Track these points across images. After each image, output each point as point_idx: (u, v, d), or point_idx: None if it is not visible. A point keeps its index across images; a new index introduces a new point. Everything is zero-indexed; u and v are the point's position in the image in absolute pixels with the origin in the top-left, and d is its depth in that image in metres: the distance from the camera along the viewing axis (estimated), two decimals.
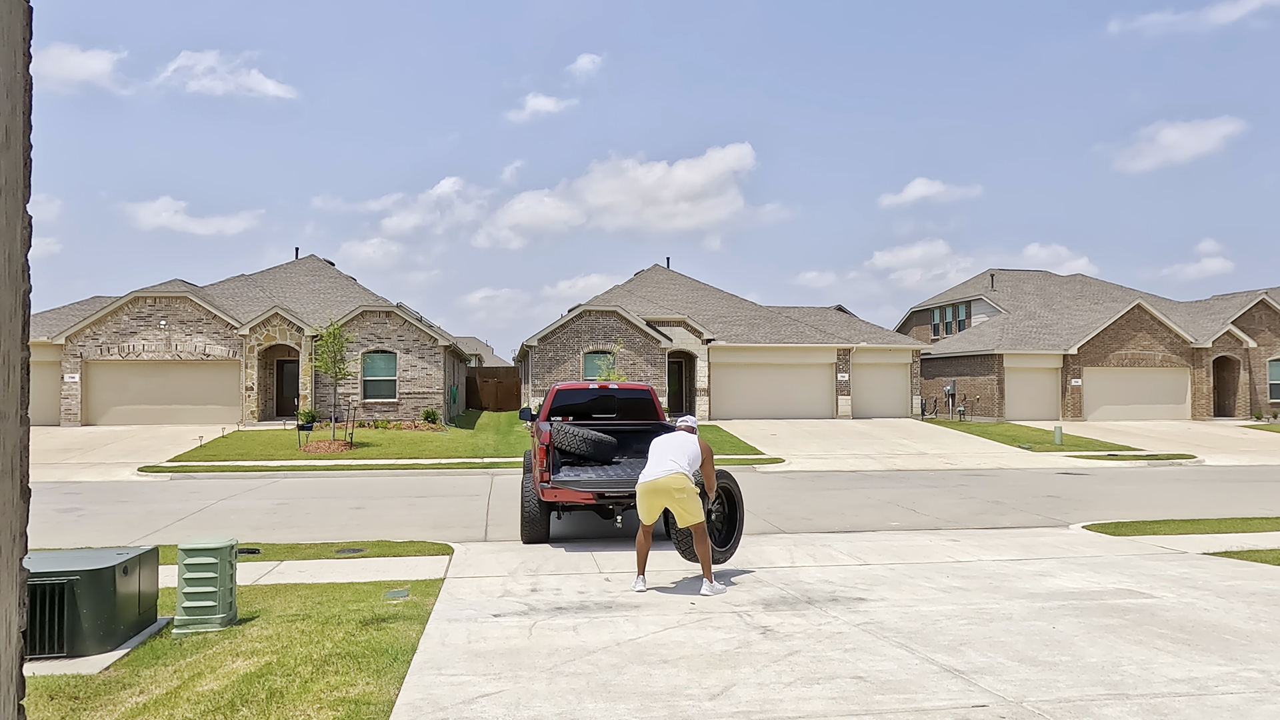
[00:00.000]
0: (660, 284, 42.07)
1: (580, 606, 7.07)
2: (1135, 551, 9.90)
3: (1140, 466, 22.94)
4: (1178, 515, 13.45)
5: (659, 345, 34.10)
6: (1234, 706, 4.51)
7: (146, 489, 17.63)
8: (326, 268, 41.03)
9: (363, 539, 11.27)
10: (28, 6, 1.34)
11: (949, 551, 9.87)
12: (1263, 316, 40.72)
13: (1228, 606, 6.91)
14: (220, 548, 6.56)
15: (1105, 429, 33.68)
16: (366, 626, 6.30)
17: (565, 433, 10.97)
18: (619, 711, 4.50)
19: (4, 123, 1.26)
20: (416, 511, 14.28)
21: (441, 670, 5.27)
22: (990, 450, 26.43)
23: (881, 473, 21.00)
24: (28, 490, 1.33)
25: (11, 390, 1.27)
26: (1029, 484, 18.49)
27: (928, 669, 5.22)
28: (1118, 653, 5.55)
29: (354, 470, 20.93)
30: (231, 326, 31.61)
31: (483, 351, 79.16)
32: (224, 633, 6.34)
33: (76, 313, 33.81)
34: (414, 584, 8.10)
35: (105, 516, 13.69)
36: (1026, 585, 7.87)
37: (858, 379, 37.26)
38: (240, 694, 4.78)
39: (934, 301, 53.22)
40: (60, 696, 5.06)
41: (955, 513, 14.12)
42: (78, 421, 30.35)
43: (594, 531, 11.47)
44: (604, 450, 11.20)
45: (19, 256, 1.32)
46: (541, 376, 33.35)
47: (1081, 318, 40.34)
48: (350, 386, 31.81)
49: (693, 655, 5.57)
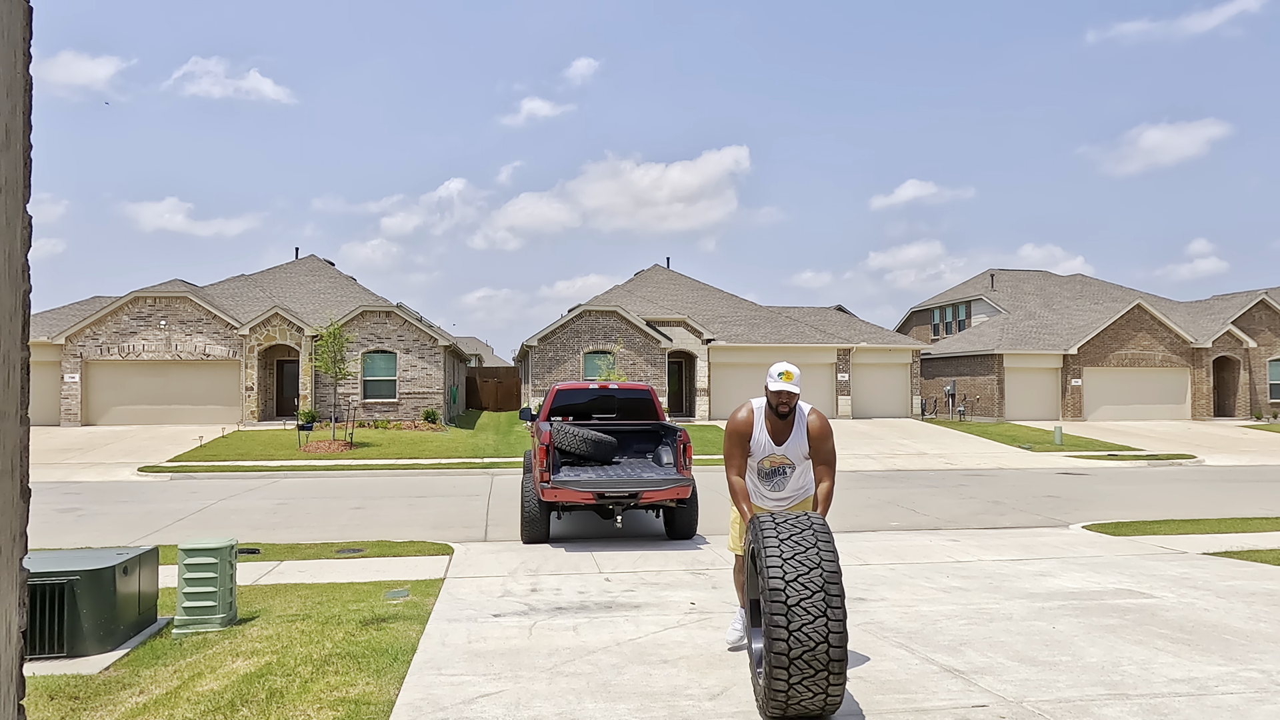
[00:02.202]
0: (660, 284, 42.06)
1: (580, 606, 7.07)
2: (1135, 551, 9.90)
3: (1140, 466, 22.93)
4: (1178, 515, 13.45)
5: (659, 345, 34.09)
6: (1234, 706, 4.50)
7: (146, 489, 17.63)
8: (326, 268, 41.02)
9: (363, 539, 11.27)
10: (28, 6, 1.34)
11: (949, 551, 9.87)
12: (1263, 316, 40.72)
13: (1228, 606, 6.91)
14: (220, 548, 6.56)
15: (1105, 429, 33.68)
16: (366, 626, 6.30)
17: (565, 433, 10.97)
18: (619, 711, 4.50)
19: (4, 122, 1.26)
20: (416, 511, 14.28)
21: (441, 670, 5.27)
22: (990, 450, 26.42)
23: (881, 473, 21.00)
24: (28, 490, 1.33)
25: (11, 390, 1.27)
26: (1029, 484, 18.49)
27: (928, 669, 5.22)
28: (1118, 653, 5.55)
29: (354, 470, 20.92)
30: (231, 326, 31.61)
31: (483, 351, 79.15)
32: (224, 633, 6.34)
33: (76, 313, 33.81)
34: (414, 584, 8.10)
35: (105, 516, 13.69)
36: (1026, 585, 7.87)
37: (858, 379, 37.26)
38: (240, 694, 4.78)
39: (934, 301, 53.22)
40: (60, 696, 5.06)
41: (955, 513, 14.12)
42: (78, 421, 30.35)
43: (594, 531, 11.47)
44: (604, 450, 11.20)
45: (19, 256, 1.31)
46: (541, 376, 33.35)
47: (1081, 318, 40.33)
48: (350, 386, 31.81)
49: (693, 655, 5.57)
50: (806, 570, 4.13)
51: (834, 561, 4.19)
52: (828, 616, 4.05)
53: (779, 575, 4.12)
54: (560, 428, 10.98)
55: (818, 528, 4.35)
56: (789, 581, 4.09)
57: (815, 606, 4.05)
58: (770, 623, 4.08)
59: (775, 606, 4.06)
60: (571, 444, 10.97)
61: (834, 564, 4.17)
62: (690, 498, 10.40)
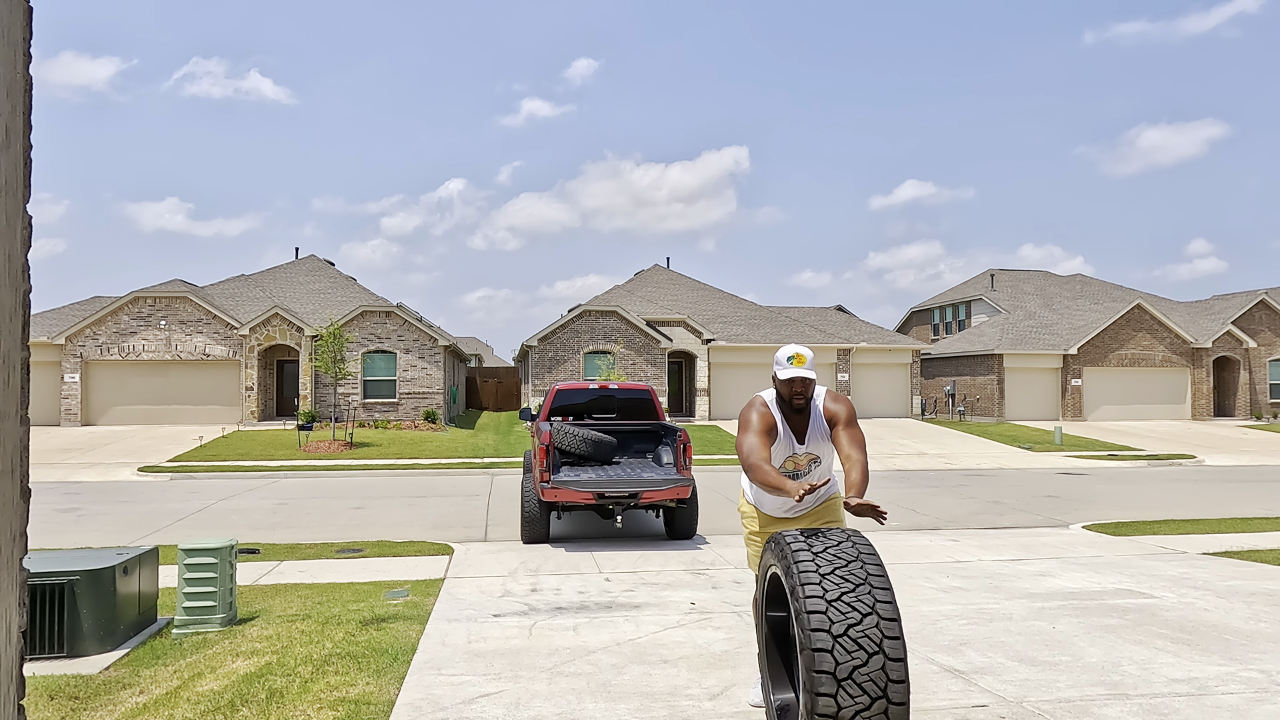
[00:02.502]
0: (660, 284, 42.07)
1: (580, 606, 7.07)
2: (1135, 551, 9.90)
3: (1140, 466, 22.93)
4: (1178, 515, 13.45)
5: (659, 345, 34.09)
6: (1234, 706, 4.50)
7: (146, 489, 17.63)
8: (326, 268, 41.02)
9: (363, 539, 11.27)
10: (28, 6, 1.34)
11: (949, 551, 9.87)
12: (1263, 316, 40.71)
13: (1228, 606, 6.91)
14: (220, 548, 6.56)
15: (1105, 429, 33.68)
16: (366, 626, 6.30)
17: (565, 433, 10.97)
18: (619, 711, 4.50)
19: (4, 122, 1.26)
20: (416, 511, 14.28)
21: (441, 670, 5.27)
22: (990, 450, 26.42)
23: (881, 473, 21.00)
24: (28, 490, 1.33)
25: (11, 390, 1.27)
26: (1029, 484, 18.49)
27: (928, 669, 5.22)
28: (1118, 653, 5.55)
29: (354, 470, 20.93)
30: (231, 326, 31.61)
31: (483, 351, 79.15)
32: (224, 633, 6.34)
33: (76, 313, 33.81)
34: (414, 584, 8.10)
35: (105, 516, 13.69)
36: (1026, 585, 7.87)
37: (858, 379, 37.25)
38: (240, 694, 4.78)
39: (934, 301, 53.22)
40: (60, 696, 5.06)
41: (955, 512, 14.12)
42: (78, 421, 30.35)
43: (594, 531, 11.47)
44: (604, 450, 11.20)
45: (19, 256, 1.31)
46: (541, 376, 33.35)
47: (1081, 318, 40.33)
48: (350, 386, 31.81)
49: (693, 655, 5.57)
50: (859, 619, 3.24)
51: (890, 604, 3.30)
52: (888, 688, 3.18)
53: (823, 628, 3.22)
54: (560, 428, 10.98)
55: (865, 556, 3.45)
56: (836, 638, 3.21)
57: (871, 676, 3.15)
58: (812, 688, 3.18)
59: (820, 676, 3.17)
60: (572, 444, 10.97)
61: (891, 608, 3.29)
62: (690, 498, 10.40)
